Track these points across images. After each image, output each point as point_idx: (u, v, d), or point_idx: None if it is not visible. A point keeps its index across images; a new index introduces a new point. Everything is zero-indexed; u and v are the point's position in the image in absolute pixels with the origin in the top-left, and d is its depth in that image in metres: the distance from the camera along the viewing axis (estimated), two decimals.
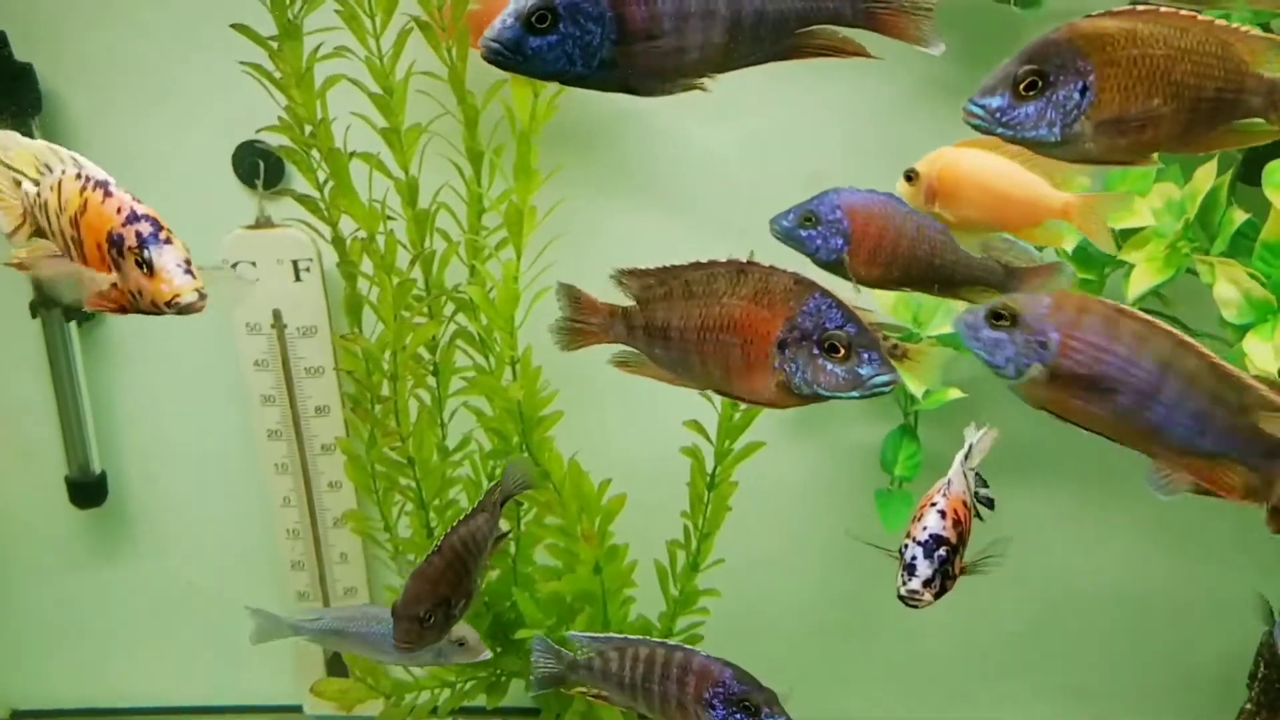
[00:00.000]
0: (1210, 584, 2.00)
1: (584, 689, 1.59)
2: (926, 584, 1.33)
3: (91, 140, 2.21)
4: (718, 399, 1.89)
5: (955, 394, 1.96)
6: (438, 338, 2.01)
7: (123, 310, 1.20)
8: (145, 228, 1.15)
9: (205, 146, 2.18)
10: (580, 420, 2.01)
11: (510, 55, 1.11)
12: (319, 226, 1.96)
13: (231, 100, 1.93)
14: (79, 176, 1.21)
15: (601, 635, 1.59)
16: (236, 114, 2.01)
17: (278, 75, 1.83)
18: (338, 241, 1.97)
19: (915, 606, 1.34)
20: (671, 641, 1.54)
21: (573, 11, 1.09)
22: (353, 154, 1.90)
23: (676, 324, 1.28)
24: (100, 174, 1.21)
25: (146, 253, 1.14)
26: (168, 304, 1.15)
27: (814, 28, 1.13)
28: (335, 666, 2.31)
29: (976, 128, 1.08)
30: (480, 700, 2.17)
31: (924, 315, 1.98)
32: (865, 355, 1.18)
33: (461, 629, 1.70)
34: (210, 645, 2.50)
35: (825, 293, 1.22)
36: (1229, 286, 1.67)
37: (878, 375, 1.18)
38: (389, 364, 1.97)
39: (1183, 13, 1.04)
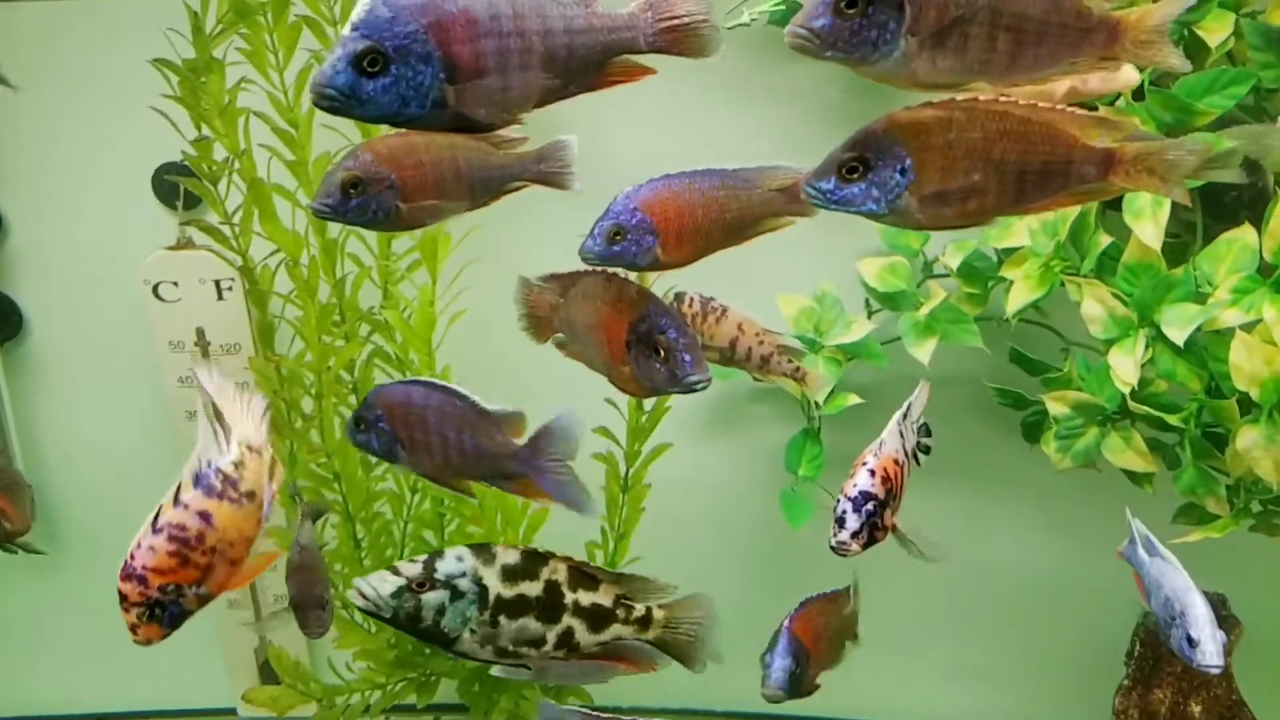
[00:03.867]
0: (1087, 572, 2.13)
1: None
2: (854, 535, 1.50)
3: (12, 162, 2.22)
4: (624, 405, 1.99)
5: (854, 400, 2.08)
6: (355, 358, 2.07)
7: None
8: None
9: (125, 168, 2.20)
10: None
11: (344, 100, 1.13)
12: (229, 257, 2.00)
13: (150, 123, 1.94)
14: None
15: None
16: (156, 136, 2.01)
17: (199, 106, 1.86)
18: (247, 270, 2.01)
19: (844, 555, 1.50)
20: None
21: (402, 53, 1.12)
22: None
23: (578, 320, 1.44)
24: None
25: None
26: None
27: (615, 59, 1.22)
28: (267, 674, 2.37)
29: (814, 204, 1.20)
30: (411, 699, 2.24)
31: (824, 325, 2.09)
32: (681, 358, 1.35)
33: None
34: (144, 651, 2.50)
35: (659, 303, 1.38)
36: (1094, 304, 1.80)
37: (690, 375, 1.35)
38: (314, 384, 2.03)
39: (1002, 100, 1.15)
